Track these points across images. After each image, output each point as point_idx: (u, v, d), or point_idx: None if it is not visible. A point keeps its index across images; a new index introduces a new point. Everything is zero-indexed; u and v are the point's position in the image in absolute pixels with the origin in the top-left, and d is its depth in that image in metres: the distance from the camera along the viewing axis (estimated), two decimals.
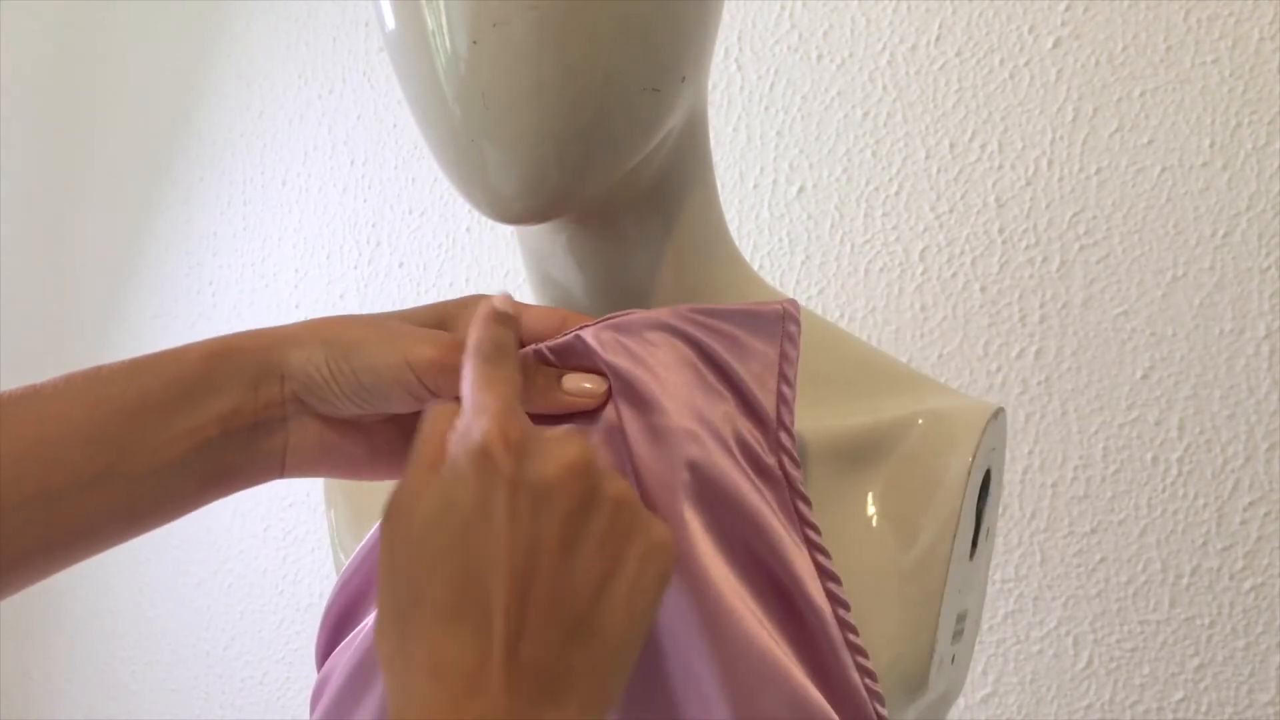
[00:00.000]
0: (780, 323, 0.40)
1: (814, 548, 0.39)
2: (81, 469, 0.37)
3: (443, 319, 0.42)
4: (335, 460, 0.42)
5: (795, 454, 0.39)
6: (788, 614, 0.38)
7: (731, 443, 0.39)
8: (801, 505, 0.39)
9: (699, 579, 0.37)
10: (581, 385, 0.40)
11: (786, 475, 0.39)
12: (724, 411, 0.39)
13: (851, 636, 0.38)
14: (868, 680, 0.38)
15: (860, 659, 0.38)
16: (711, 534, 0.38)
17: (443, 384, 0.39)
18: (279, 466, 0.41)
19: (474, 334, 0.37)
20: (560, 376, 0.40)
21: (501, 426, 0.32)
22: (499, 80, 0.37)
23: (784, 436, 0.39)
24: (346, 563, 0.47)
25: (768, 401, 0.39)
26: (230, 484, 0.41)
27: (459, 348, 0.38)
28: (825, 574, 0.38)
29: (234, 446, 0.40)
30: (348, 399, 0.40)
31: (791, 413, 0.40)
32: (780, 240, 1.03)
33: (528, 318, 0.42)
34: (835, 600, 0.38)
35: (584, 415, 0.41)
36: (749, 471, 0.39)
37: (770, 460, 0.39)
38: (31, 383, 0.38)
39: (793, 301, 0.41)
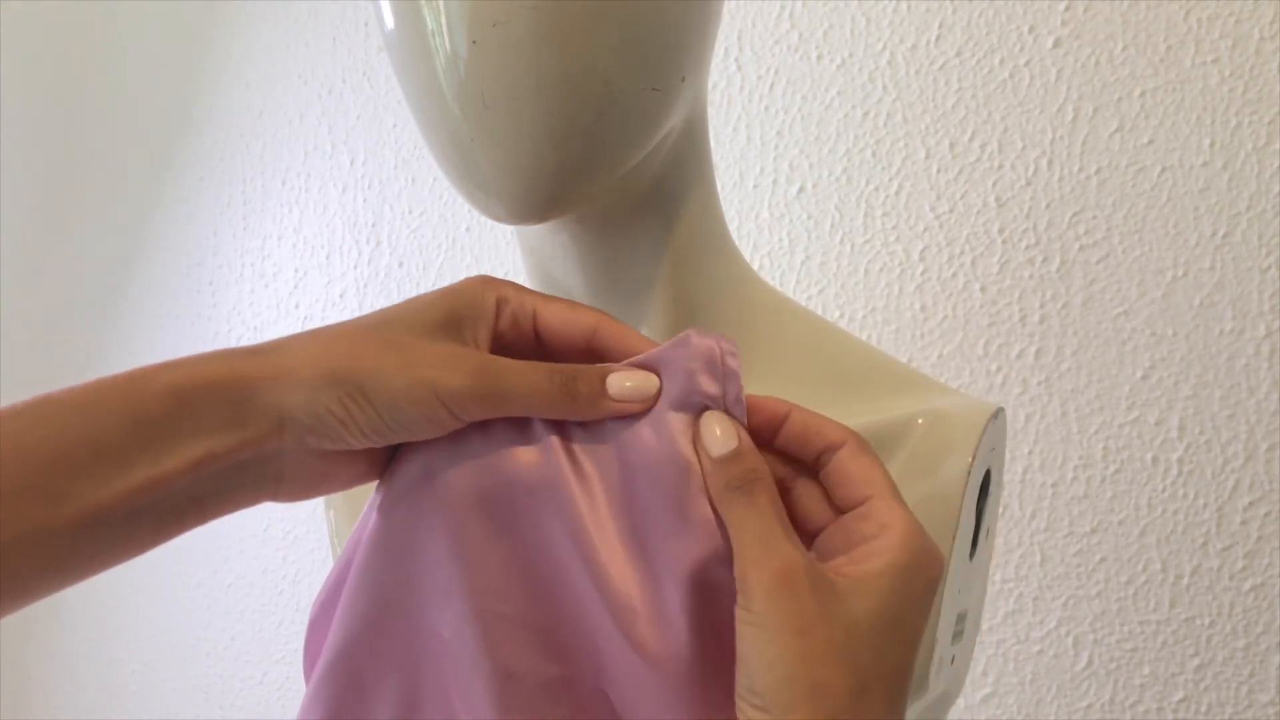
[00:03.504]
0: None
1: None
2: (14, 522, 0.31)
3: (456, 316, 0.38)
4: (332, 484, 0.38)
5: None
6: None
7: None
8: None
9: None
10: (624, 385, 0.36)
11: None
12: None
13: None
14: None
15: None
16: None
17: (475, 412, 0.36)
18: (267, 496, 0.37)
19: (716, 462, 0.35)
20: (604, 379, 0.37)
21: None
22: (499, 80, 0.37)
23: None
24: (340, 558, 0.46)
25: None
26: (199, 520, 0.36)
27: (490, 372, 0.36)
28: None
29: (208, 487, 0.35)
30: (366, 437, 0.36)
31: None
32: (780, 240, 1.03)
33: (544, 312, 0.38)
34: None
35: None
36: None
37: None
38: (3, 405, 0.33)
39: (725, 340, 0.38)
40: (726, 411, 0.36)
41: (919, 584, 0.34)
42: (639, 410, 0.36)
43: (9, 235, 1.65)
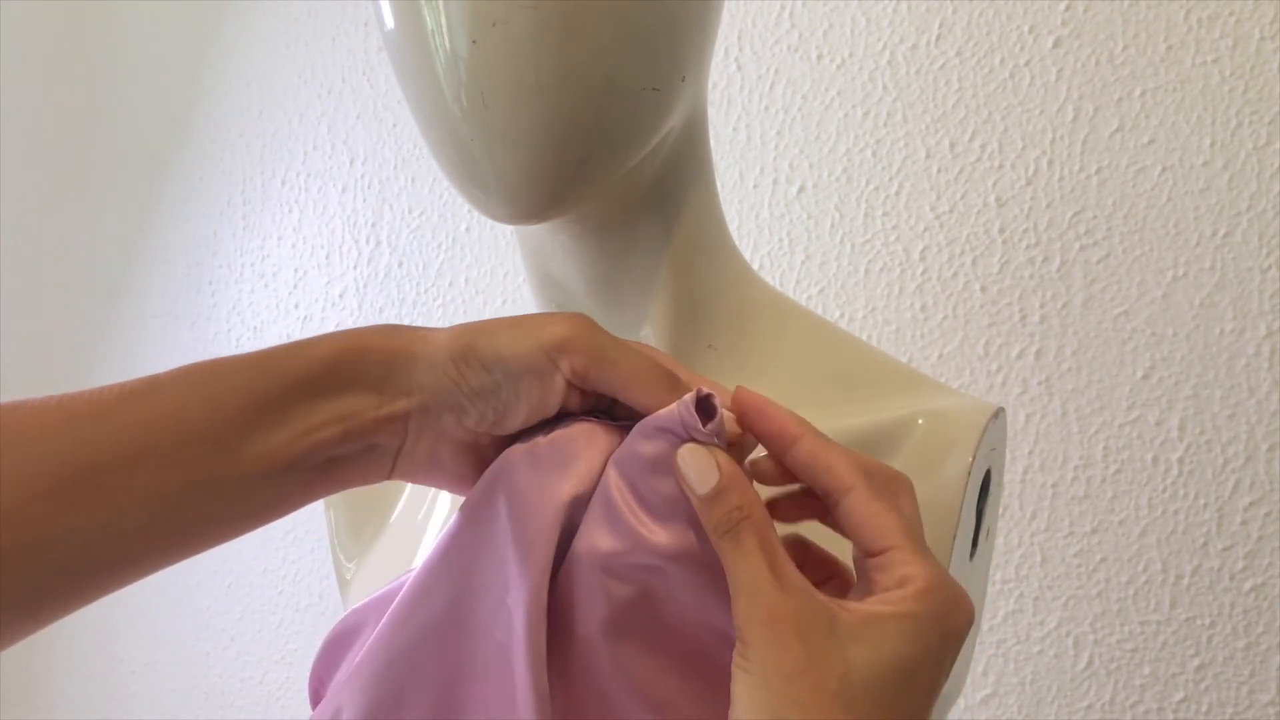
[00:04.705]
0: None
1: None
2: (194, 470, 0.35)
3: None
4: (442, 474, 0.40)
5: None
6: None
7: None
8: None
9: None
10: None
11: None
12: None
13: None
14: None
15: None
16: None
17: (577, 365, 0.36)
18: (388, 470, 0.40)
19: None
20: (683, 385, 0.36)
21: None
22: (499, 80, 0.37)
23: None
24: (350, 575, 0.47)
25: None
26: (337, 483, 0.39)
27: (591, 326, 0.37)
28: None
29: (347, 447, 0.38)
30: (474, 402, 0.37)
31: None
32: (780, 240, 1.03)
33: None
34: None
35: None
36: None
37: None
38: (152, 374, 0.36)
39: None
40: (695, 440, 0.34)
41: (937, 635, 0.33)
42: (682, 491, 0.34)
43: (9, 235, 1.65)
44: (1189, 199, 0.86)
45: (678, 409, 0.34)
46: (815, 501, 0.36)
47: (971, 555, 0.46)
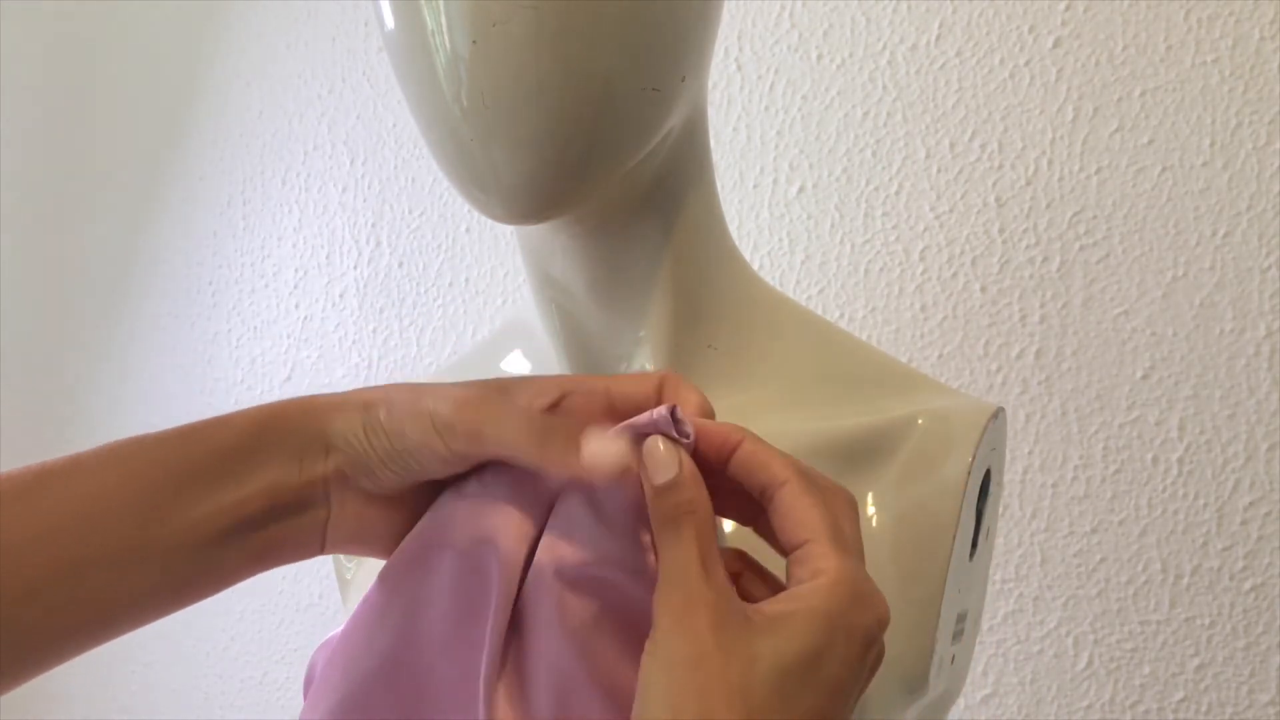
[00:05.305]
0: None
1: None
2: (118, 542, 0.35)
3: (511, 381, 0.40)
4: (373, 537, 0.41)
5: None
6: None
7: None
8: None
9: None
10: (596, 449, 0.35)
11: None
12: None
13: None
14: None
15: None
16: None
17: (460, 445, 0.37)
18: (319, 543, 0.40)
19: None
20: (581, 437, 0.36)
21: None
22: (499, 80, 0.37)
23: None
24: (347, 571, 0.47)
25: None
26: (270, 559, 0.40)
27: (475, 406, 0.37)
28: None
29: (277, 521, 0.39)
30: (385, 466, 0.38)
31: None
32: (780, 240, 1.03)
33: (616, 386, 0.39)
34: None
35: None
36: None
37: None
38: (74, 453, 0.37)
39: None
40: (671, 436, 0.35)
41: (842, 630, 0.32)
42: (603, 481, 0.35)
43: (9, 235, 1.65)
44: (1189, 199, 0.86)
45: (654, 415, 0.35)
46: (748, 504, 0.36)
47: (971, 555, 0.46)
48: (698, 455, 0.35)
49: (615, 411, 0.38)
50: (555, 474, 0.37)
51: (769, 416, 0.42)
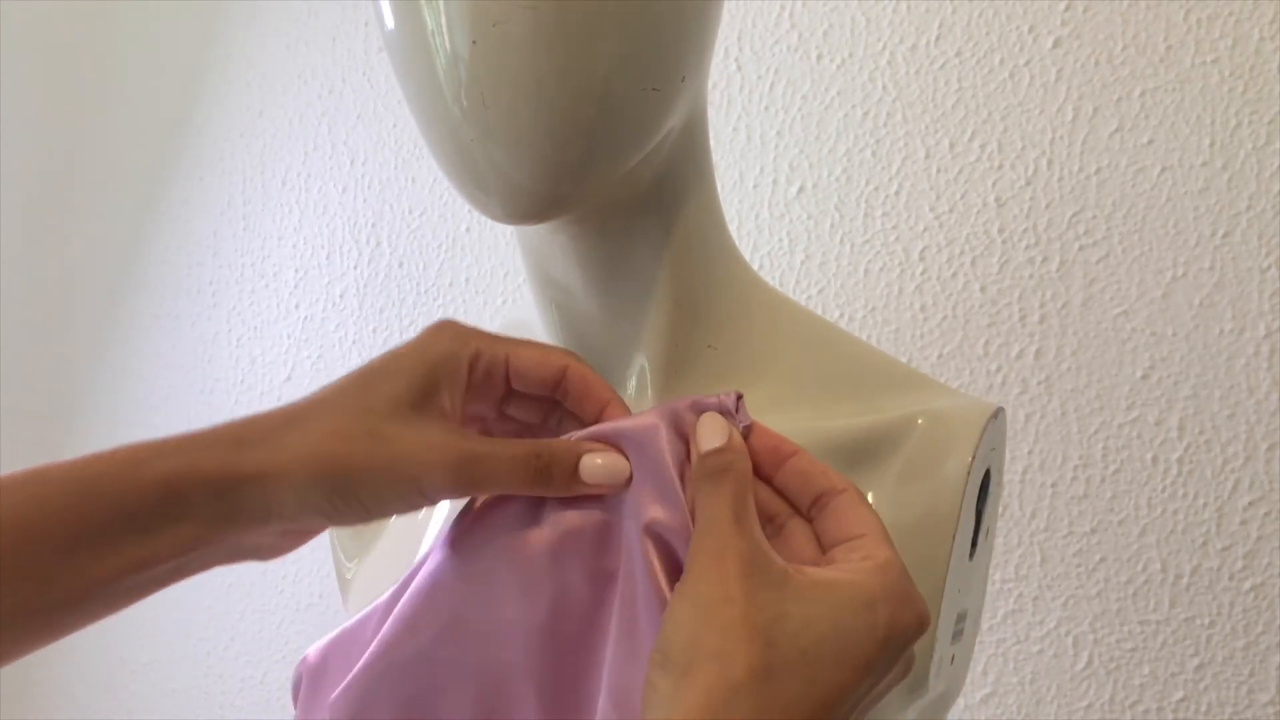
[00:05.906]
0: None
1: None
2: (10, 607, 0.34)
3: (434, 383, 0.39)
4: (309, 537, 0.41)
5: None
6: None
7: None
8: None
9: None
10: (596, 466, 0.38)
11: None
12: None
13: None
14: None
15: None
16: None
17: (446, 495, 0.38)
18: (244, 560, 0.40)
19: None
20: (577, 461, 0.38)
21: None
22: (499, 80, 0.37)
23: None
24: (350, 577, 0.46)
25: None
26: (178, 581, 0.39)
27: (469, 463, 0.37)
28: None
29: (191, 560, 0.37)
30: (347, 522, 0.39)
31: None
32: (780, 240, 1.03)
33: (516, 359, 0.40)
34: None
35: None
36: None
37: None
38: None
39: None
40: (729, 415, 0.37)
41: (884, 616, 0.32)
42: (609, 492, 0.38)
43: (9, 235, 1.65)
44: (1188, 199, 0.86)
45: (720, 396, 0.37)
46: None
47: (971, 555, 0.46)
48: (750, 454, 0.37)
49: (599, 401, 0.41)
50: (561, 495, 0.39)
51: (769, 416, 0.42)
